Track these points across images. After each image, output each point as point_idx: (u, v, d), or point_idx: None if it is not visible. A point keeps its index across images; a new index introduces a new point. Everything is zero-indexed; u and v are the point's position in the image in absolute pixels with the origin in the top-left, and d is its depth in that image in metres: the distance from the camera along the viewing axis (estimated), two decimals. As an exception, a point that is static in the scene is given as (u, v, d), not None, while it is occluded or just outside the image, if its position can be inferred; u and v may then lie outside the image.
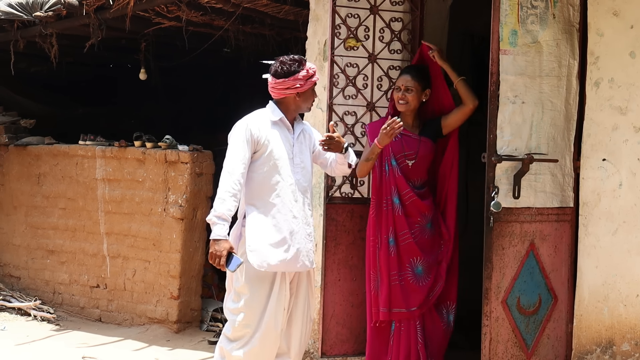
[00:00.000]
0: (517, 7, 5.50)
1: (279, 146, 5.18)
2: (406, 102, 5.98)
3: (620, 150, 5.51)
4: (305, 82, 5.20)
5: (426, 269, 6.01)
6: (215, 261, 5.04)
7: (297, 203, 5.22)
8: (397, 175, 5.97)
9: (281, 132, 5.22)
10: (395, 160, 5.99)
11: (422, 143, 6.03)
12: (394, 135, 5.73)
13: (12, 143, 9.72)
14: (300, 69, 5.18)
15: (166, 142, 8.45)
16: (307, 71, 5.20)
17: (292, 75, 5.16)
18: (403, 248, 5.96)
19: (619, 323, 5.48)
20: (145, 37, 9.45)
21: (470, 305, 6.51)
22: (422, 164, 6.04)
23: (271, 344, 5.14)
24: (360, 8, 6.26)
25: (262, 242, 5.12)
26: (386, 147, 5.92)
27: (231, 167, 5.10)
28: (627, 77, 5.48)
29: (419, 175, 6.05)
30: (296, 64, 5.18)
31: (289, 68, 5.17)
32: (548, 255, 5.65)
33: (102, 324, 8.78)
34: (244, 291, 5.13)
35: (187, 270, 8.32)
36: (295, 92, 5.19)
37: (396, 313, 5.95)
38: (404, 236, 5.96)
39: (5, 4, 9.00)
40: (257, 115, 5.26)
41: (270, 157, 5.16)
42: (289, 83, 5.17)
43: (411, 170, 6.01)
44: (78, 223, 9.09)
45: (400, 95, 5.98)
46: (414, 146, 6.01)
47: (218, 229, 5.02)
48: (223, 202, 5.04)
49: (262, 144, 5.15)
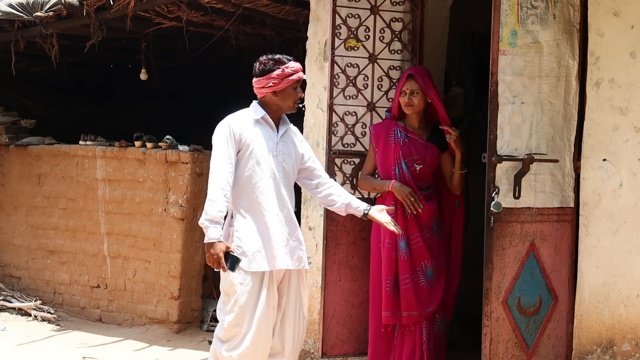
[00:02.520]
0: (517, 7, 5.51)
1: (262, 144, 5.17)
2: (412, 105, 5.98)
3: (620, 151, 5.51)
4: (281, 80, 5.16)
5: (435, 272, 6.01)
6: (214, 264, 5.04)
7: (280, 201, 5.21)
8: (407, 179, 5.96)
9: (264, 131, 5.22)
10: (405, 164, 5.97)
11: (429, 149, 6.02)
12: (407, 202, 5.88)
13: (12, 143, 9.72)
14: (276, 67, 5.16)
15: (166, 142, 8.45)
16: (283, 70, 5.16)
17: (266, 75, 5.17)
18: (415, 251, 5.94)
19: (620, 323, 5.48)
20: (145, 38, 9.46)
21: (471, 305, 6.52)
22: (429, 169, 6.04)
23: (263, 344, 5.15)
24: (360, 8, 6.26)
25: (247, 242, 5.12)
26: (396, 150, 5.95)
27: (218, 168, 5.10)
28: (628, 77, 5.48)
29: (426, 178, 6.05)
30: (272, 63, 5.18)
31: (264, 67, 5.19)
32: (548, 255, 5.65)
33: (103, 324, 8.78)
34: (232, 291, 5.14)
35: (187, 270, 8.32)
36: (270, 91, 5.19)
37: (411, 316, 5.93)
38: (415, 239, 5.94)
39: (6, 4, 9.00)
40: (239, 115, 5.27)
41: (252, 155, 5.15)
42: (263, 82, 5.18)
43: (419, 174, 6.00)
44: (78, 223, 9.09)
45: (407, 99, 5.96)
46: (422, 151, 6.00)
47: (211, 232, 5.02)
48: (213, 204, 5.04)
49: (245, 143, 5.15)
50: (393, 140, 5.99)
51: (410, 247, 5.92)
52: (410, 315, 5.93)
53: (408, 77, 5.99)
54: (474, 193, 7.44)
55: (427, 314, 5.96)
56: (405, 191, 5.90)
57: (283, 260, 5.18)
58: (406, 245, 5.91)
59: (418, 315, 5.93)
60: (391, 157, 5.98)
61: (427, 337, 5.98)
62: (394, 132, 6.02)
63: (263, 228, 5.16)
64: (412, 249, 5.93)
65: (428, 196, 6.02)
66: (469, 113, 8.06)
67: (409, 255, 5.93)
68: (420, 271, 5.96)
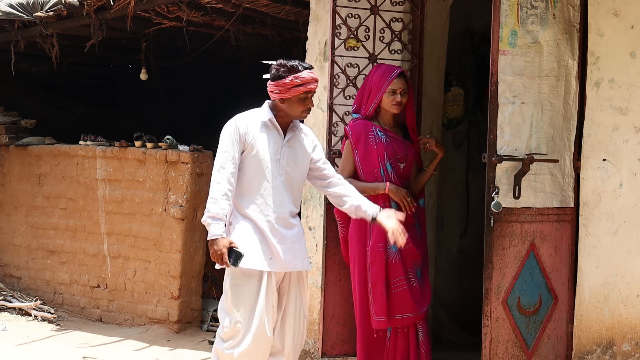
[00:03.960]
0: (517, 7, 5.51)
1: (266, 147, 5.17)
2: (401, 104, 5.95)
3: (620, 151, 5.51)
4: (288, 90, 5.13)
5: (422, 271, 6.00)
6: (218, 260, 5.06)
7: (282, 204, 5.20)
8: (393, 180, 5.92)
9: (270, 133, 5.21)
10: (390, 164, 5.93)
11: (408, 147, 6.00)
12: (404, 204, 5.86)
13: (12, 143, 9.72)
14: (286, 75, 5.13)
15: (167, 142, 8.45)
16: (292, 80, 5.11)
17: (276, 81, 5.16)
18: (405, 253, 5.90)
19: (620, 323, 5.48)
20: (145, 38, 9.46)
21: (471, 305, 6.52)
22: (410, 167, 6.02)
23: (263, 343, 5.15)
24: (360, 8, 6.26)
25: (243, 241, 5.13)
26: (380, 151, 5.90)
27: (221, 167, 5.12)
28: (628, 78, 5.48)
29: (408, 177, 6.03)
30: (284, 70, 5.14)
31: (277, 72, 5.17)
32: (548, 255, 5.65)
33: (103, 324, 8.78)
34: (232, 290, 5.16)
35: (187, 270, 8.32)
36: (278, 97, 5.18)
37: (406, 318, 5.91)
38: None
39: (6, 4, 9.00)
40: (247, 115, 5.26)
41: (255, 157, 5.15)
42: (272, 87, 5.18)
43: (402, 173, 5.97)
44: (79, 223, 9.09)
45: (399, 98, 5.91)
46: (403, 149, 5.97)
47: (213, 229, 5.04)
48: (216, 202, 5.05)
49: (249, 143, 5.15)
50: (374, 141, 5.91)
51: (400, 249, 5.81)
52: (404, 318, 5.90)
53: (399, 76, 5.92)
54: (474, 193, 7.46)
55: (423, 314, 5.95)
56: (402, 192, 5.88)
57: (281, 262, 5.18)
58: (396, 247, 5.76)
59: (414, 316, 5.92)
60: (374, 159, 5.91)
61: (424, 337, 5.96)
62: (374, 133, 5.93)
63: (262, 229, 5.16)
64: (402, 250, 5.84)
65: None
66: (469, 113, 8.07)
67: (400, 258, 5.90)
68: (411, 272, 5.93)
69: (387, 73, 5.94)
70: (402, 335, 5.94)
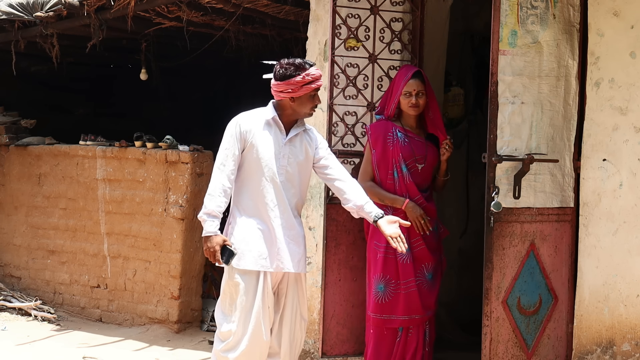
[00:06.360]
0: (517, 7, 5.51)
1: (267, 146, 5.17)
2: (418, 106, 5.92)
3: (620, 151, 5.51)
4: (300, 88, 5.13)
5: (434, 273, 6.00)
6: (210, 257, 5.08)
7: (281, 204, 5.20)
8: (407, 182, 5.89)
9: (272, 132, 5.21)
10: (405, 166, 5.89)
11: (429, 147, 5.97)
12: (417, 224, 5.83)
13: (12, 143, 9.72)
14: (296, 74, 5.12)
15: (167, 142, 8.45)
16: (304, 77, 5.11)
17: (286, 80, 5.13)
18: (417, 254, 5.89)
19: (620, 323, 5.49)
20: (145, 38, 9.46)
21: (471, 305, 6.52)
22: (430, 168, 5.98)
23: (260, 344, 5.15)
24: (360, 8, 6.26)
25: (239, 240, 5.14)
26: (395, 152, 5.88)
27: (221, 164, 5.13)
28: (628, 78, 5.49)
29: (426, 179, 6.00)
30: (293, 68, 5.13)
31: (285, 72, 5.14)
32: (548, 255, 5.65)
33: (103, 324, 8.79)
34: (228, 290, 5.17)
35: (187, 270, 8.32)
36: (288, 97, 5.16)
37: (413, 319, 5.91)
38: (416, 242, 5.88)
39: (6, 4, 9.00)
40: (250, 114, 5.26)
41: (256, 156, 5.15)
42: (282, 87, 5.15)
43: (420, 174, 5.94)
44: (78, 223, 9.09)
45: (414, 100, 5.87)
46: (423, 150, 5.94)
47: (208, 226, 5.07)
48: (212, 198, 5.07)
49: (250, 142, 5.15)
50: (392, 142, 5.91)
51: (412, 251, 5.84)
52: (412, 319, 5.91)
53: (413, 77, 5.89)
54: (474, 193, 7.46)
55: (429, 316, 5.95)
56: (417, 212, 5.83)
57: (277, 262, 5.17)
58: (408, 248, 5.75)
59: (420, 318, 5.92)
60: (389, 160, 5.91)
61: (429, 338, 5.97)
62: (393, 133, 5.93)
63: (259, 229, 5.17)
64: (414, 252, 5.86)
65: (428, 197, 5.99)
66: (469, 113, 8.07)
67: (411, 259, 5.89)
68: (421, 274, 5.93)
69: (402, 74, 5.95)
70: (413, 335, 5.93)
